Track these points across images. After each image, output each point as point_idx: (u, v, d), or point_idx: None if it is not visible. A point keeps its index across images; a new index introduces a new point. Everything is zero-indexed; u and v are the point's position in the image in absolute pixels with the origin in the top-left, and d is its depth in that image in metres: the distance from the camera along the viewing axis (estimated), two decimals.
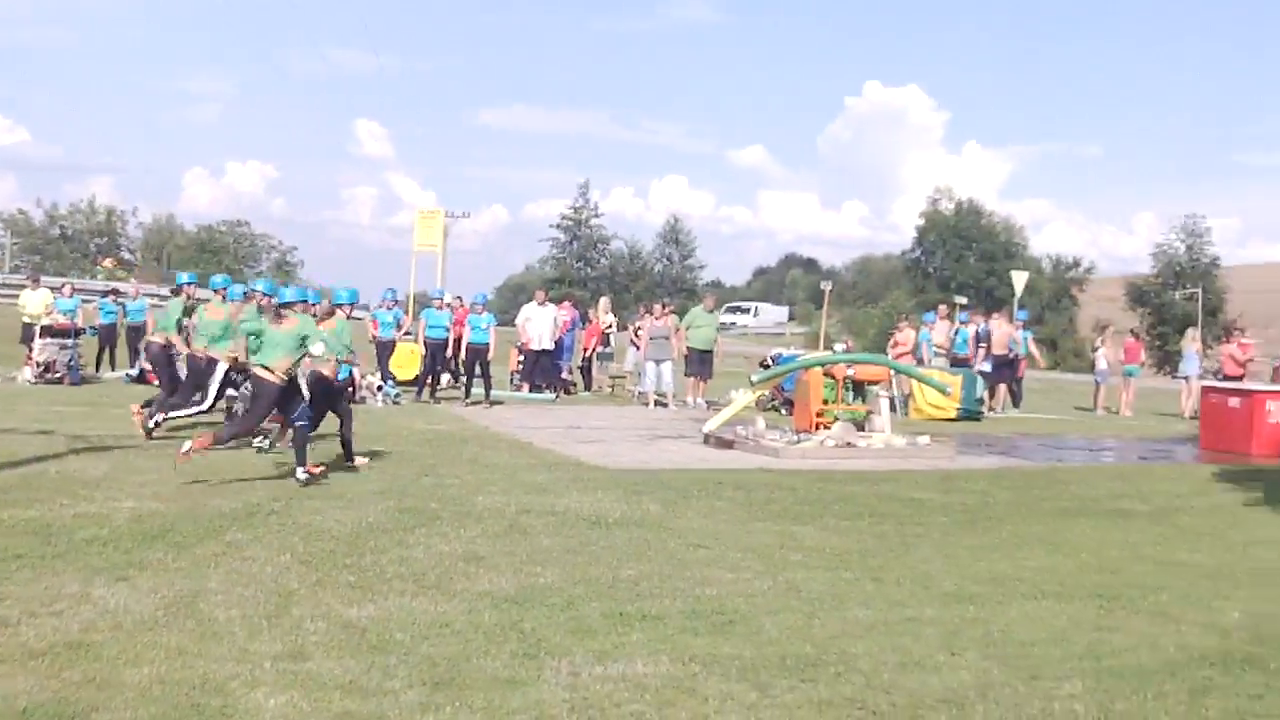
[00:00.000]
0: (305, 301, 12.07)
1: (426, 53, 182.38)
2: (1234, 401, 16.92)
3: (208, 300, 14.92)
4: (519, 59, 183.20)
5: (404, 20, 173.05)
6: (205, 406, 13.46)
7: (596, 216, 78.74)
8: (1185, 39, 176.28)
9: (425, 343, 20.29)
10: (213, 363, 13.47)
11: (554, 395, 22.11)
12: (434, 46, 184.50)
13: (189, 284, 15.63)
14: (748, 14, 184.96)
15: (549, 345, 21.86)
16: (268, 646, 5.70)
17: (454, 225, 48.09)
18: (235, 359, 13.08)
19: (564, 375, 23.50)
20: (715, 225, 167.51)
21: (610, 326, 25.66)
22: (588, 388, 24.69)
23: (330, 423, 12.08)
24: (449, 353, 20.42)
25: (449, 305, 21.41)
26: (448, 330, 20.10)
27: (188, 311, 14.74)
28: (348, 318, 13.04)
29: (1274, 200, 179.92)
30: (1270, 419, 16.40)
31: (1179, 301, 58.70)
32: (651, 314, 22.33)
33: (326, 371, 11.84)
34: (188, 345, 14.45)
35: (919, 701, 5.27)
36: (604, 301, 26.92)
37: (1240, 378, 21.49)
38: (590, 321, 25.95)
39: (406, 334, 22.19)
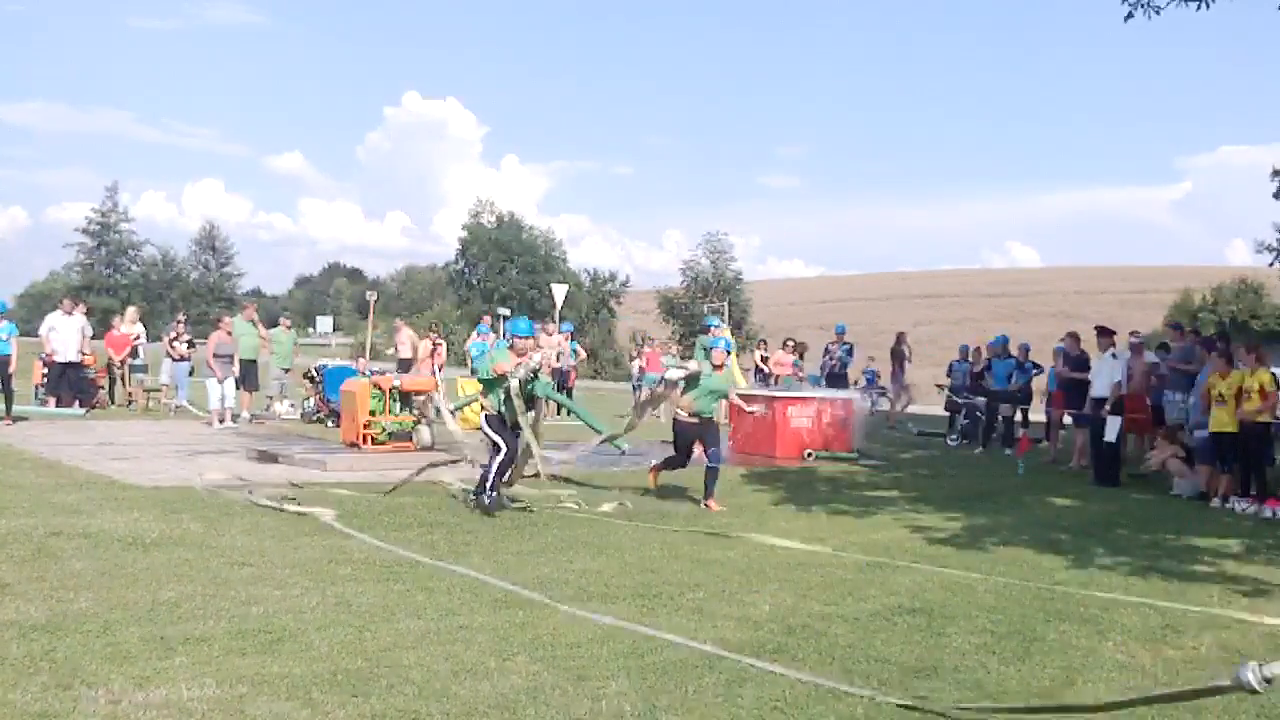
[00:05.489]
0: None
1: None
2: (758, 408, 18.10)
3: None
4: (36, 52, 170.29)
5: None
6: None
7: (126, 221, 74.39)
8: (709, 67, 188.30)
9: None
10: None
11: (83, 410, 20.91)
12: None
13: None
14: (284, 18, 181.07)
15: (76, 357, 20.76)
16: None
17: None
18: None
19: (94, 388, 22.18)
20: (253, 232, 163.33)
21: (139, 337, 24.37)
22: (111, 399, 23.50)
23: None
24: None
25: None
26: None
27: None
28: None
29: (789, 219, 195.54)
30: (791, 424, 17.74)
31: (707, 314, 61.91)
32: (220, 327, 21.24)
33: None
34: None
35: (471, 708, 5.31)
36: (131, 311, 25.66)
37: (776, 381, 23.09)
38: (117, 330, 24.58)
39: None
